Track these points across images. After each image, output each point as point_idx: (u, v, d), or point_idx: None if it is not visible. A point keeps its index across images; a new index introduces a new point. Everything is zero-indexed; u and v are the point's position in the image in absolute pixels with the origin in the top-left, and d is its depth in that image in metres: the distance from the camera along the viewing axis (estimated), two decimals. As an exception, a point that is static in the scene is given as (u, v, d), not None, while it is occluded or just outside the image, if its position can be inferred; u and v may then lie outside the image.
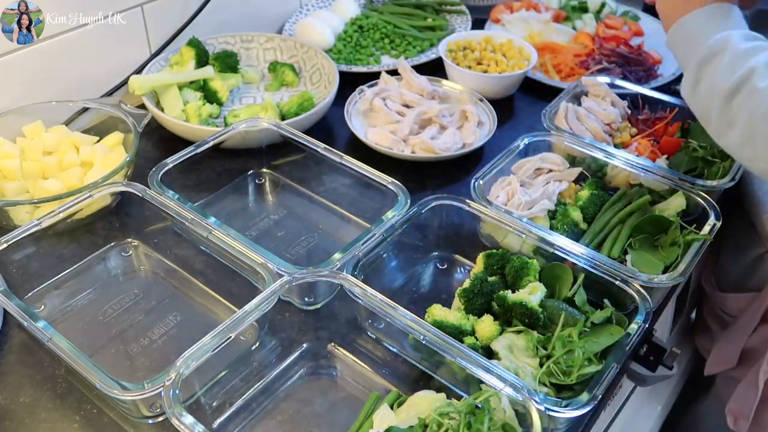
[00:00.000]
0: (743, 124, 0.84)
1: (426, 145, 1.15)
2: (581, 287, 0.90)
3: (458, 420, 0.71)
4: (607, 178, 1.13)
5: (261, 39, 1.40)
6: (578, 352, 0.81)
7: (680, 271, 0.91)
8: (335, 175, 1.10)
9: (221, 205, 1.10)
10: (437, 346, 0.78)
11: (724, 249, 1.26)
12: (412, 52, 1.48)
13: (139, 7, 1.25)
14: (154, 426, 0.78)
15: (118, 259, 1.01)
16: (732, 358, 1.16)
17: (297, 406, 0.83)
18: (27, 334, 0.87)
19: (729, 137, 0.87)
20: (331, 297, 0.92)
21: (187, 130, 1.16)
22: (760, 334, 1.12)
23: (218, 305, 0.94)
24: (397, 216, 0.95)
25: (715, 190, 1.05)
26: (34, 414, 0.80)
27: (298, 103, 1.23)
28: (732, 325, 1.19)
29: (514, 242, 0.98)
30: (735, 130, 0.85)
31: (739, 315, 1.17)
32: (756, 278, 1.17)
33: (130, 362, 0.86)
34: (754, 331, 1.13)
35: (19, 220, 0.99)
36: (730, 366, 1.17)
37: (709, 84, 0.88)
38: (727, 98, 0.85)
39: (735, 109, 0.85)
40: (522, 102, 1.37)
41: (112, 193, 0.99)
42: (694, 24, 0.93)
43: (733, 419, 1.14)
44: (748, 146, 0.84)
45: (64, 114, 1.18)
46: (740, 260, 1.20)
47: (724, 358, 1.18)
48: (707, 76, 0.88)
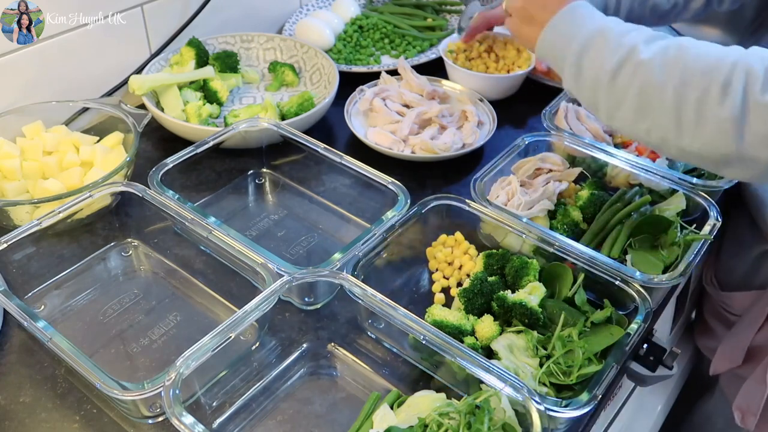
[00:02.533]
0: (633, 98, 0.83)
1: (426, 145, 1.15)
2: (581, 287, 0.90)
3: (458, 420, 0.71)
4: (607, 178, 1.13)
5: (261, 39, 1.40)
6: (578, 352, 0.81)
7: (680, 271, 0.91)
8: (335, 175, 1.10)
9: (221, 205, 1.10)
10: (437, 346, 0.78)
11: (727, 248, 1.26)
12: (412, 52, 1.48)
13: (139, 7, 1.25)
14: (154, 426, 0.78)
15: (118, 259, 1.01)
16: (738, 356, 1.16)
17: (297, 406, 0.83)
18: (27, 334, 0.87)
19: (621, 115, 0.86)
20: (331, 297, 0.92)
21: (187, 130, 1.16)
22: (766, 331, 1.12)
23: (218, 305, 0.94)
24: (397, 216, 0.95)
25: (715, 190, 1.06)
26: (34, 414, 0.80)
27: (298, 103, 1.23)
28: (737, 324, 1.19)
29: (514, 242, 0.98)
30: (625, 107, 0.85)
31: (744, 313, 1.17)
32: (760, 276, 1.17)
33: (130, 362, 0.86)
34: (760, 329, 1.13)
35: (19, 220, 0.99)
36: (736, 364, 1.17)
37: (591, 70, 0.88)
38: (613, 77, 0.85)
39: (622, 85, 0.84)
40: (522, 102, 1.37)
41: (112, 193, 0.99)
42: (561, 26, 0.92)
43: (740, 416, 1.14)
44: (641, 119, 0.84)
45: (64, 114, 1.18)
46: (744, 258, 1.20)
47: (729, 357, 1.18)
48: (589, 63, 0.88)
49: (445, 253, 0.99)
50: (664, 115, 0.81)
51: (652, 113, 0.82)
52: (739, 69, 0.77)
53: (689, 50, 0.81)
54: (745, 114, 0.76)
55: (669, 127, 0.81)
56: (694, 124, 0.79)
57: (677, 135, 0.81)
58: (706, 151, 0.80)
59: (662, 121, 0.82)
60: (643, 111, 0.83)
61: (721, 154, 0.79)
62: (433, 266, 0.99)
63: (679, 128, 0.80)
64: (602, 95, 0.87)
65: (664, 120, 0.81)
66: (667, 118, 0.81)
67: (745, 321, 1.16)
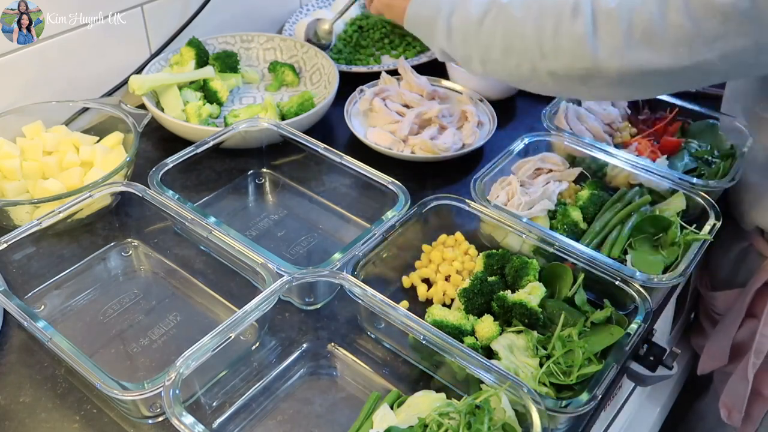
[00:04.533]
0: (500, 40, 0.93)
1: (426, 145, 1.15)
2: (581, 287, 0.90)
3: (458, 420, 0.71)
4: (607, 178, 1.13)
5: (261, 39, 1.40)
6: (578, 352, 0.81)
7: (680, 271, 0.91)
8: (335, 175, 1.10)
9: (221, 205, 1.10)
10: (437, 346, 0.78)
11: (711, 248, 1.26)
12: (412, 52, 1.48)
13: (139, 7, 1.25)
14: (154, 426, 0.78)
15: (118, 259, 1.01)
16: (723, 354, 1.17)
17: (297, 406, 0.83)
18: (27, 334, 0.87)
19: (492, 58, 0.95)
20: (331, 297, 0.92)
21: (187, 130, 1.16)
22: (746, 327, 1.13)
23: (218, 305, 0.94)
24: (397, 216, 0.95)
25: (715, 190, 1.06)
26: (34, 414, 0.80)
27: (298, 103, 1.23)
28: (720, 323, 1.20)
29: (514, 242, 0.98)
30: (495, 49, 0.94)
31: (727, 312, 1.18)
32: (741, 273, 1.17)
33: (130, 362, 0.86)
34: (741, 326, 1.13)
35: (19, 220, 0.99)
36: (722, 363, 1.18)
37: (460, 26, 0.97)
38: (479, 24, 0.94)
39: (488, 30, 0.94)
40: (522, 102, 1.37)
41: (112, 193, 0.99)
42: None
43: (726, 412, 1.15)
44: (510, 56, 0.93)
45: (64, 114, 1.18)
46: (727, 257, 1.20)
47: (715, 356, 1.19)
48: (457, 21, 0.97)
49: (445, 252, 0.99)
50: (528, 47, 0.90)
51: (518, 48, 0.91)
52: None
53: None
54: (596, 27, 0.84)
55: (534, 56, 0.90)
56: (554, 48, 0.88)
57: (542, 60, 0.89)
58: (569, 68, 0.88)
59: (527, 53, 0.91)
60: (510, 49, 0.92)
61: (581, 69, 0.87)
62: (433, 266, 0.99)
63: (543, 54, 0.89)
64: (473, 44, 0.96)
65: (529, 52, 0.90)
66: (531, 49, 0.90)
67: (727, 319, 1.16)
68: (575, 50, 0.86)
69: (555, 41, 0.88)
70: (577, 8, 0.86)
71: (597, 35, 0.84)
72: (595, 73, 0.86)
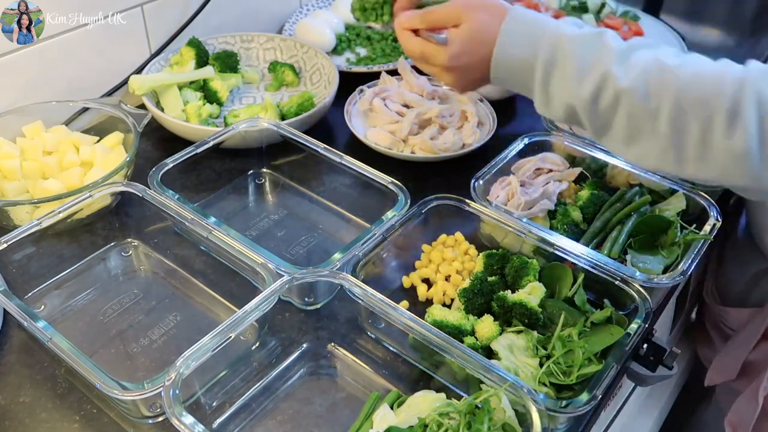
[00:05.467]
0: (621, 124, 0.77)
1: (426, 145, 1.15)
2: (581, 287, 0.90)
3: (458, 420, 0.71)
4: (607, 178, 1.13)
5: (261, 39, 1.40)
6: (578, 352, 0.81)
7: (680, 271, 0.91)
8: (335, 175, 1.10)
9: (221, 205, 1.10)
10: (437, 346, 0.78)
11: (726, 263, 1.26)
12: (412, 52, 1.48)
13: (139, 7, 1.25)
14: (154, 426, 0.78)
15: (118, 259, 1.01)
16: (733, 370, 1.16)
17: (297, 406, 0.83)
18: (27, 334, 0.87)
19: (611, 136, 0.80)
20: (331, 297, 0.92)
21: (187, 130, 1.16)
22: (761, 349, 1.12)
23: (218, 305, 0.94)
24: (397, 216, 0.95)
25: (715, 190, 1.05)
26: (34, 414, 0.80)
27: (298, 103, 1.23)
28: (733, 339, 1.19)
29: (514, 242, 0.98)
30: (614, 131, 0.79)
31: (740, 329, 1.17)
32: (757, 293, 1.17)
33: (130, 362, 0.86)
34: (755, 347, 1.13)
35: (19, 220, 0.99)
36: (730, 378, 1.17)
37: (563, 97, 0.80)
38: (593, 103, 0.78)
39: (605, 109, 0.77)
40: (522, 102, 1.37)
41: (112, 193, 0.99)
42: (509, 49, 0.83)
43: (732, 430, 1.14)
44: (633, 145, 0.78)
45: (64, 114, 1.18)
46: (742, 275, 1.20)
47: (724, 370, 1.18)
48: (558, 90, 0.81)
49: (445, 253, 0.99)
50: (659, 144, 0.75)
51: (645, 141, 0.76)
52: (747, 95, 0.69)
53: (674, 72, 0.73)
54: (764, 143, 0.68)
55: (666, 158, 0.75)
56: (698, 158, 0.72)
57: (678, 167, 0.75)
58: (715, 180, 0.73)
59: (657, 150, 0.75)
60: (634, 138, 0.77)
61: (734, 185, 0.73)
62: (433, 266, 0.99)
63: (680, 161, 0.74)
64: (585, 120, 0.80)
65: (660, 150, 0.75)
66: (663, 148, 0.74)
67: (741, 337, 1.16)
68: (730, 167, 0.70)
69: (701, 153, 0.72)
70: (736, 114, 0.68)
71: (765, 153, 0.68)
72: (756, 190, 0.72)
